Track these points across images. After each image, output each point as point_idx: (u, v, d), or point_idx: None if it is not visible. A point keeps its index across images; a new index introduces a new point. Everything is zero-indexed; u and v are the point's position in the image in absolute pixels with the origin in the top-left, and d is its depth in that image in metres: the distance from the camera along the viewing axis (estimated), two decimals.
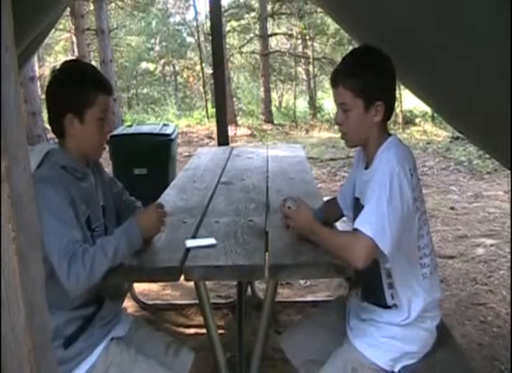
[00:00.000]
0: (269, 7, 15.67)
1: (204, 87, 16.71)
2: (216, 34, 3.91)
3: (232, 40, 18.46)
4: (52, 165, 1.54)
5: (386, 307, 1.61)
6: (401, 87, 10.98)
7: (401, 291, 1.58)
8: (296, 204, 1.67)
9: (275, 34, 17.66)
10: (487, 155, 6.03)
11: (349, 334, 1.67)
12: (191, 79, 19.51)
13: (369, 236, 1.42)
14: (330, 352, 1.66)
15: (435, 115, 10.41)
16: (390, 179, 1.45)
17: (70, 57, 14.05)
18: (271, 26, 17.06)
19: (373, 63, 1.55)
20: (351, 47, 15.39)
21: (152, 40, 21.21)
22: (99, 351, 1.59)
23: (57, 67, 1.66)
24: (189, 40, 20.75)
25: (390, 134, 1.62)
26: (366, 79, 1.53)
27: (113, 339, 1.64)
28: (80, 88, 1.58)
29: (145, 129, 3.95)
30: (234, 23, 17.18)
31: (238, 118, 14.30)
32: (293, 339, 1.85)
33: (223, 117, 3.99)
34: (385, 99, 1.55)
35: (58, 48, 19.36)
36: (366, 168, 1.64)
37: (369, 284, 1.65)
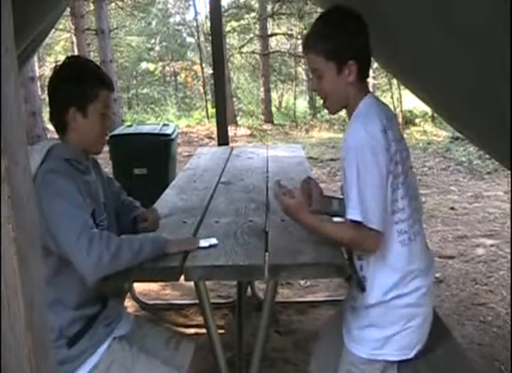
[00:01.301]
0: (269, 7, 15.67)
1: (204, 87, 16.72)
2: (216, 34, 3.91)
3: (232, 40, 18.46)
4: (56, 159, 1.55)
5: (359, 284, 1.58)
6: (401, 87, 11.00)
7: (371, 261, 1.55)
8: (289, 193, 1.64)
9: (275, 34, 17.66)
10: (487, 155, 6.03)
11: (344, 337, 1.65)
12: (189, 79, 19.51)
13: (357, 221, 1.43)
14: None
15: (435, 115, 10.41)
16: (362, 155, 1.43)
17: None
18: (271, 26, 17.06)
19: (341, 23, 1.53)
20: None
21: (152, 40, 21.21)
22: (102, 350, 1.59)
23: (59, 63, 1.68)
24: (189, 40, 20.76)
25: (368, 93, 1.58)
26: (335, 41, 1.51)
27: (116, 338, 1.64)
28: (82, 83, 1.59)
29: (145, 129, 3.95)
30: (234, 23, 17.19)
31: (238, 118, 14.31)
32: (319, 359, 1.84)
33: (223, 117, 3.99)
34: (357, 58, 1.53)
35: (58, 48, 19.36)
36: None
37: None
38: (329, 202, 1.82)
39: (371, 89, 1.77)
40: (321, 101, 1.65)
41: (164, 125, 4.04)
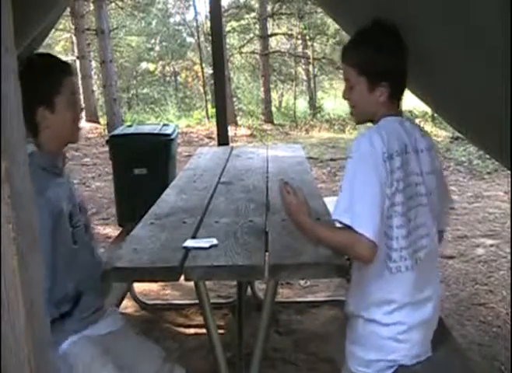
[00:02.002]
0: (269, 7, 15.67)
1: (204, 87, 16.72)
2: (216, 34, 3.90)
3: (232, 40, 18.46)
4: (34, 171, 1.53)
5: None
6: None
7: (354, 268, 1.56)
8: (293, 192, 1.63)
9: (275, 34, 17.67)
10: (487, 155, 6.03)
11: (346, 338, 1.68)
12: (189, 80, 19.51)
13: (349, 225, 1.41)
14: None
15: (435, 115, 10.41)
16: (361, 162, 1.44)
17: (70, 57, 14.05)
18: (271, 26, 17.07)
19: (380, 43, 1.51)
20: None
21: (152, 40, 21.21)
22: (67, 346, 1.57)
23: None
24: (189, 40, 20.75)
25: (398, 114, 1.57)
26: (372, 59, 1.50)
27: (87, 337, 1.61)
28: (42, 79, 1.56)
29: (145, 129, 3.95)
30: (234, 23, 17.19)
31: (238, 118, 14.30)
32: None
33: (223, 117, 3.99)
34: (391, 80, 1.51)
35: (58, 48, 19.35)
36: None
37: None
38: None
39: None
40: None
41: (164, 125, 4.03)
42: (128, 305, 3.21)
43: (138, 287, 3.32)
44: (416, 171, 1.52)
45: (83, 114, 13.91)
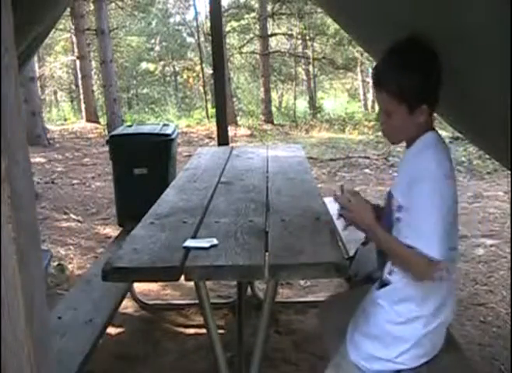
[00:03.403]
0: (269, 7, 15.67)
1: (204, 87, 16.72)
2: (216, 34, 3.90)
3: (232, 40, 18.46)
4: None
5: (381, 285, 1.58)
6: None
7: (400, 273, 1.54)
8: (356, 199, 1.63)
9: (275, 34, 17.68)
10: (487, 155, 6.03)
11: (348, 329, 1.67)
12: (190, 80, 19.52)
13: (430, 257, 1.41)
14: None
15: (435, 115, 10.40)
16: (433, 187, 1.42)
17: (70, 58, 14.05)
18: (271, 26, 17.07)
19: (418, 64, 1.47)
20: (351, 47, 15.45)
21: (152, 41, 21.22)
22: None
23: None
24: (189, 40, 20.76)
25: (432, 128, 1.57)
26: (410, 85, 1.46)
27: None
28: None
29: (145, 129, 3.94)
30: (234, 23, 17.18)
31: (238, 118, 14.31)
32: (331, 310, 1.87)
33: (223, 117, 3.99)
34: (430, 100, 1.50)
35: (58, 48, 19.37)
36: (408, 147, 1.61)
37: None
38: None
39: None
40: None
41: (164, 125, 4.03)
42: (128, 305, 3.22)
43: (138, 287, 3.32)
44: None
45: (83, 114, 13.95)
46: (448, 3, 1.35)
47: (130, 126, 4.21)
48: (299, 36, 16.59)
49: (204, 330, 1.79)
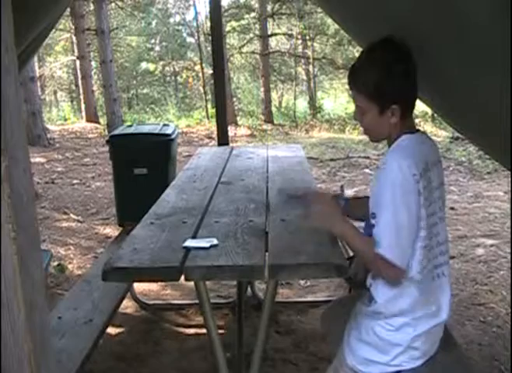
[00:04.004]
0: (269, 7, 15.67)
1: (204, 87, 16.71)
2: (216, 34, 3.90)
3: (232, 40, 18.45)
4: None
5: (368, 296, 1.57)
6: None
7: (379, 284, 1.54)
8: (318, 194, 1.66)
9: (275, 34, 17.65)
10: (487, 155, 6.03)
11: (345, 333, 1.67)
12: (190, 80, 19.52)
13: (385, 258, 1.42)
14: None
15: (435, 115, 10.42)
16: (394, 190, 1.42)
17: (70, 58, 14.05)
18: (271, 26, 17.06)
19: (388, 65, 1.48)
20: (351, 47, 15.45)
21: (152, 40, 21.22)
22: None
23: None
24: (189, 40, 20.75)
25: (413, 130, 1.57)
26: (380, 84, 1.47)
27: None
28: None
29: (145, 129, 3.95)
30: (234, 23, 17.17)
31: (238, 118, 14.30)
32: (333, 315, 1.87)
33: (223, 117, 3.99)
34: (401, 102, 1.50)
35: (58, 48, 19.35)
36: None
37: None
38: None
39: None
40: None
41: (164, 125, 4.03)
42: (128, 305, 3.22)
43: (138, 287, 3.33)
44: (435, 185, 1.54)
45: (83, 114, 13.95)
46: (448, 3, 1.35)
47: (130, 126, 4.21)
48: (299, 36, 16.57)
49: (204, 330, 1.79)
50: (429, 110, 10.99)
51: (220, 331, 2.24)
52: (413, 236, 1.46)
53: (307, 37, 16.37)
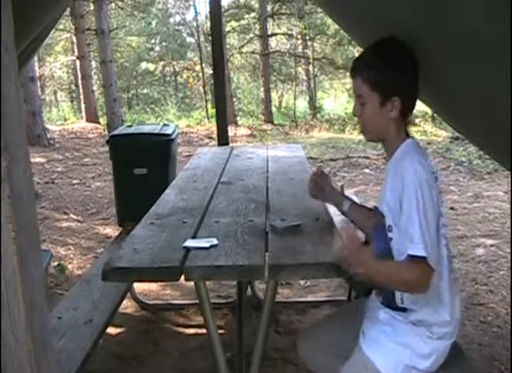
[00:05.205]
0: (269, 7, 15.67)
1: (204, 87, 16.71)
2: (216, 34, 3.91)
3: (232, 40, 18.46)
4: None
5: (397, 309, 1.55)
6: None
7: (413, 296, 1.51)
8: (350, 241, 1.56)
9: (275, 34, 17.66)
10: (487, 155, 6.03)
11: (361, 340, 1.61)
12: (190, 80, 19.51)
13: (420, 257, 1.39)
14: (346, 357, 1.61)
15: (435, 115, 10.41)
16: (421, 190, 1.42)
17: (70, 58, 14.05)
18: (271, 26, 17.06)
19: (393, 58, 1.53)
20: (351, 47, 15.45)
21: (152, 40, 21.21)
22: None
23: None
24: (189, 40, 20.75)
25: (408, 135, 1.60)
26: (384, 74, 1.51)
27: None
28: None
29: (145, 129, 3.95)
30: (234, 23, 17.18)
31: (238, 118, 14.30)
32: (311, 342, 1.82)
33: (223, 117, 3.99)
34: (402, 95, 1.53)
35: (58, 48, 19.36)
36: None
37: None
38: (341, 199, 1.91)
39: None
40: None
41: (164, 125, 4.03)
42: (128, 305, 3.22)
43: (138, 287, 3.32)
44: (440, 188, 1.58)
45: (83, 114, 13.95)
46: (448, 3, 1.35)
47: (130, 126, 4.21)
48: (299, 36, 16.57)
49: (204, 330, 1.79)
50: (429, 110, 11.00)
51: (220, 331, 2.24)
52: (436, 235, 1.45)
53: (307, 37, 16.37)
